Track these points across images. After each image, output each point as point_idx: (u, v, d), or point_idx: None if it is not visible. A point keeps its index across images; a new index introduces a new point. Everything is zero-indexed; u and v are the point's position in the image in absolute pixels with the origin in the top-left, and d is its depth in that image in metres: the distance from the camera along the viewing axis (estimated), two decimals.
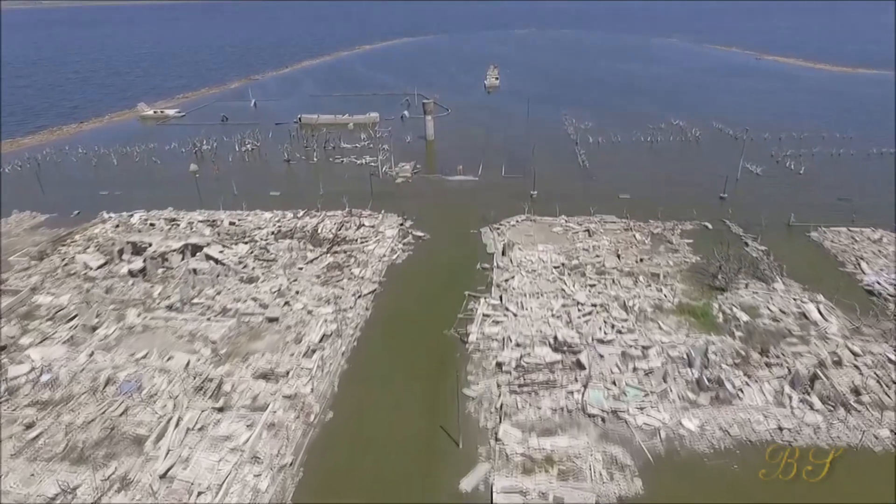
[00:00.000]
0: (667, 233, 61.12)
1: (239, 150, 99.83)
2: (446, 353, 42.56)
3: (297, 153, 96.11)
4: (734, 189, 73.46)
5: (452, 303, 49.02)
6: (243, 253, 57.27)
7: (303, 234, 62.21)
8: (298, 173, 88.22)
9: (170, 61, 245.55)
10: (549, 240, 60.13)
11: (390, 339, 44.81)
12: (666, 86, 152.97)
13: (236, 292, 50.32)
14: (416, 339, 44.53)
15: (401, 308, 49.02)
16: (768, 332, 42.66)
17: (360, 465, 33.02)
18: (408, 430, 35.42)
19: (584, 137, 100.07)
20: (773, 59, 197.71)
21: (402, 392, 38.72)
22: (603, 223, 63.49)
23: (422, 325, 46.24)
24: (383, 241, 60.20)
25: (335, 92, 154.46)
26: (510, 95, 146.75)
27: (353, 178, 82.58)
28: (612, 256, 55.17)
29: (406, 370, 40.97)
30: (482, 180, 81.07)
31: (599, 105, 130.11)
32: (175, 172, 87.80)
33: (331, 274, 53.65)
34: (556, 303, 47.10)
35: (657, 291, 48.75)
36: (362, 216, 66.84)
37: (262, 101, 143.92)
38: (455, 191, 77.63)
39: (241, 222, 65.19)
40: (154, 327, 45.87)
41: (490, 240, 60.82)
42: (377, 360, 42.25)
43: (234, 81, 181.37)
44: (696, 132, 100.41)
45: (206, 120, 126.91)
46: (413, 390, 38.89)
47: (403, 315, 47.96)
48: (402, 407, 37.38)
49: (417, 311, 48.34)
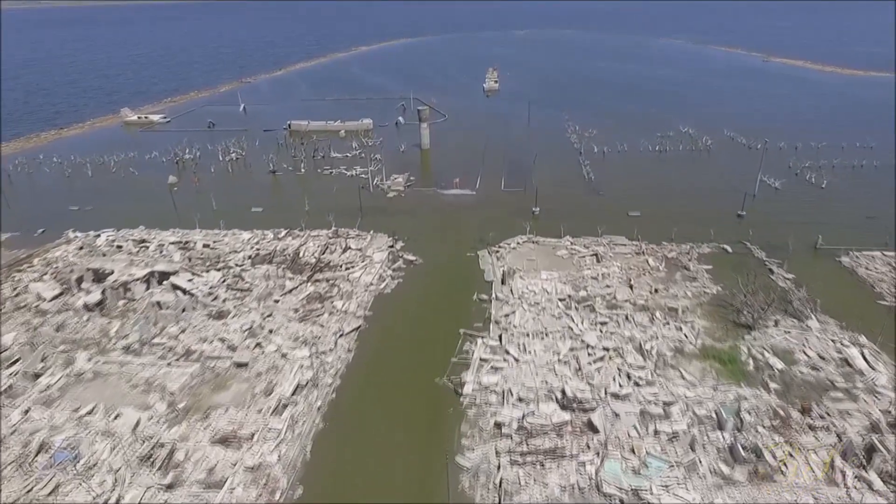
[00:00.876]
0: (682, 257, 55.62)
1: (223, 159, 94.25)
2: (438, 407, 37.01)
3: (283, 163, 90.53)
4: (752, 205, 67.97)
5: (446, 343, 43.52)
6: (215, 282, 51.69)
7: (283, 259, 56.67)
8: (284, 186, 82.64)
9: (161, 63, 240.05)
10: (554, 265, 54.61)
11: (374, 389, 39.26)
12: (672, 89, 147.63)
13: (203, 330, 44.75)
14: (403, 390, 38.99)
15: (387, 349, 43.49)
16: (808, 384, 37.14)
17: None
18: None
19: (587, 146, 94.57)
20: (780, 60, 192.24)
21: (385, 460, 33.16)
22: (612, 246, 57.96)
23: (410, 372, 40.72)
24: (371, 266, 54.65)
25: (328, 96, 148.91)
26: (510, 99, 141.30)
27: (342, 192, 77.03)
28: (624, 287, 49.62)
29: (390, 430, 35.39)
30: (480, 194, 75.57)
31: (603, 110, 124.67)
32: (152, 185, 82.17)
33: (310, 307, 48.08)
34: (562, 345, 41.56)
35: (676, 330, 43.23)
36: (349, 237, 61.29)
37: (252, 106, 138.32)
38: (451, 206, 72.10)
39: (216, 244, 59.60)
40: (106, 374, 40.30)
41: (488, 265, 55.30)
42: (358, 416, 36.70)
43: (225, 84, 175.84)
44: (706, 141, 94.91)
45: (192, 126, 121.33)
46: (398, 457, 33.34)
47: (390, 358, 42.42)
48: (384, 480, 31.82)
49: (406, 354, 42.80)
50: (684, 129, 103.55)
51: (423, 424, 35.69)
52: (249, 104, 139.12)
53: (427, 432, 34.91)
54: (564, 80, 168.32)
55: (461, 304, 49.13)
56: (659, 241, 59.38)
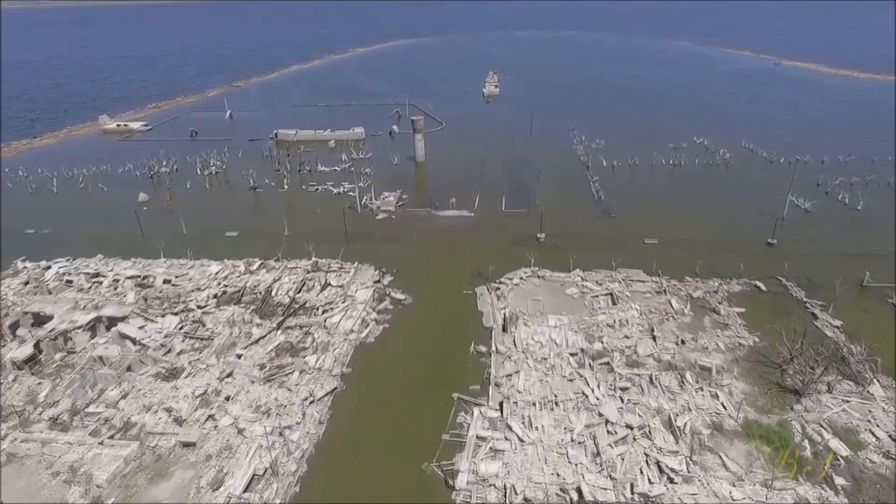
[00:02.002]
0: (710, 297, 48.54)
1: (201, 173, 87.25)
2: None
3: (266, 178, 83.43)
4: (781, 230, 60.81)
5: (436, 411, 36.52)
6: (171, 328, 44.66)
7: (253, 298, 49.61)
8: (264, 205, 75.57)
9: (152, 66, 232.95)
10: (563, 307, 47.55)
11: (347, 479, 32.20)
12: (682, 95, 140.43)
13: (149, 395, 37.70)
14: (383, 479, 31.91)
15: (366, 420, 36.44)
16: (883, 479, 30.07)
17: None
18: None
19: (595, 159, 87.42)
20: (793, 64, 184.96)
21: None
22: (629, 283, 50.87)
23: (393, 453, 33.68)
24: (353, 308, 47.58)
25: (320, 102, 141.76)
26: (511, 105, 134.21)
27: (327, 213, 69.96)
28: (646, 338, 42.54)
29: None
30: (479, 216, 68.49)
31: (610, 117, 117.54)
32: (121, 203, 75.11)
33: (279, 363, 41.04)
34: (576, 419, 34.48)
35: (712, 398, 36.16)
36: (329, 270, 54.19)
37: (240, 112, 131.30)
38: (446, 231, 65.03)
39: (178, 280, 52.51)
40: (24, 456, 33.28)
41: (488, 305, 48.27)
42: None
43: (214, 89, 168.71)
44: (724, 154, 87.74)
45: (174, 134, 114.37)
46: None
47: (369, 433, 35.37)
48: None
49: (388, 427, 35.74)
50: (699, 139, 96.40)
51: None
52: (237, 110, 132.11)
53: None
54: (568, 85, 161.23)
55: (455, 357, 42.10)
56: (681, 275, 52.33)
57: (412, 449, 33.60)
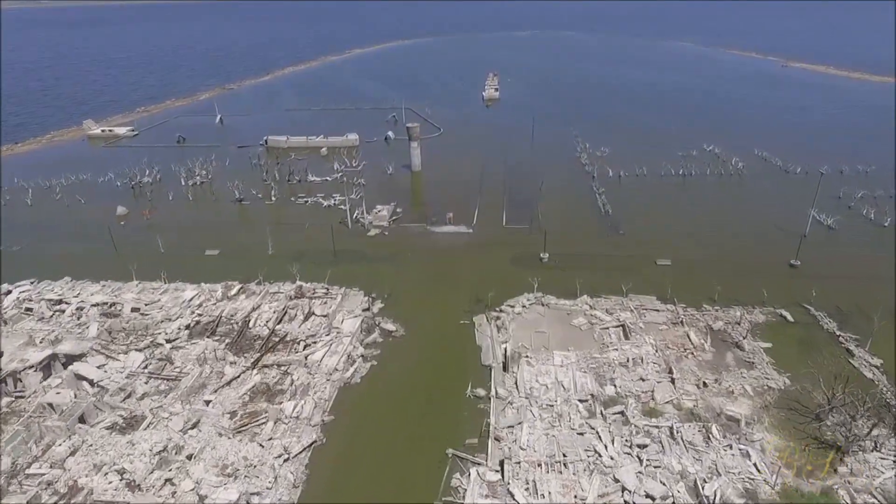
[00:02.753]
0: (731, 329, 44.03)
1: (185, 183, 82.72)
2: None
3: (253, 189, 78.85)
4: (804, 249, 56.21)
5: (428, 471, 32.06)
6: (135, 367, 40.17)
7: (229, 329, 45.10)
8: (249, 220, 71.05)
9: (145, 67, 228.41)
10: (570, 341, 43.04)
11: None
12: (689, 99, 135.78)
13: (101, 451, 33.20)
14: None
15: (347, 482, 31.91)
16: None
17: None
18: None
19: (601, 169, 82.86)
20: (800, 66, 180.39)
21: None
22: (641, 312, 46.35)
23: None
24: (338, 342, 43.07)
25: (314, 105, 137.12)
26: (511, 109, 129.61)
27: (316, 229, 65.41)
28: (664, 381, 38.01)
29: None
30: (478, 233, 63.95)
31: (615, 123, 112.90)
32: (98, 217, 70.55)
33: (252, 410, 36.53)
34: (588, 485, 29.98)
35: (742, 457, 31.65)
36: (314, 296, 49.68)
37: (231, 117, 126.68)
38: (443, 249, 60.48)
39: (148, 308, 48.00)
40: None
41: (487, 338, 43.77)
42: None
43: (206, 91, 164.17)
44: (737, 163, 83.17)
45: (161, 140, 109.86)
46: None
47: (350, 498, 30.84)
48: None
49: (373, 490, 31.22)
50: (708, 147, 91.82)
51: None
52: (227, 115, 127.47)
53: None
54: (569, 88, 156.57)
55: (450, 402, 37.59)
56: (699, 302, 47.84)
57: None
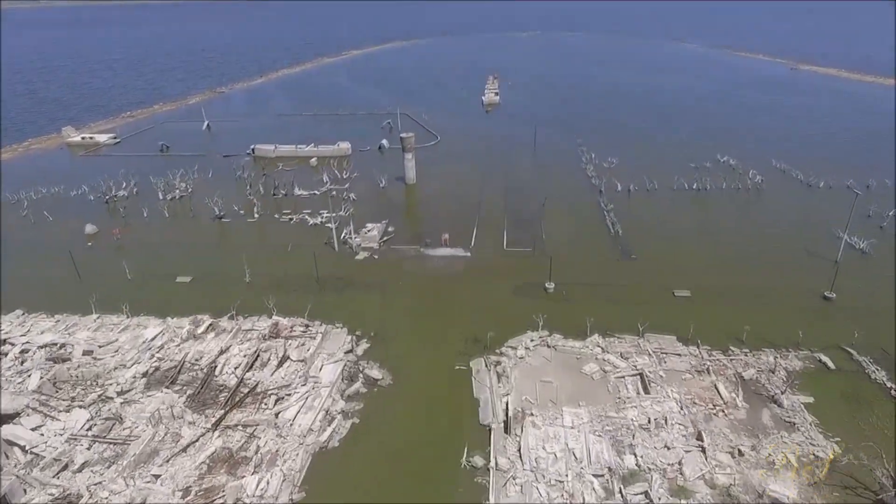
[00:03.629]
0: (765, 378, 38.56)
1: (163, 197, 77.21)
2: None
3: (235, 204, 73.27)
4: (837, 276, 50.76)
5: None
6: (78, 428, 34.67)
7: (192, 378, 39.60)
8: (228, 240, 65.52)
9: (137, 69, 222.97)
10: (581, 393, 37.56)
11: None
12: (698, 105, 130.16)
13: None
14: None
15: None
16: None
17: None
18: None
19: (609, 182, 77.31)
20: (810, 69, 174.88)
21: None
22: (661, 356, 40.85)
23: None
24: (315, 394, 37.58)
25: (306, 111, 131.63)
26: (513, 115, 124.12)
27: (300, 250, 60.00)
28: (694, 449, 32.50)
29: None
30: (476, 257, 58.40)
31: (621, 131, 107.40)
32: (64, 237, 65.24)
33: (209, 485, 31.03)
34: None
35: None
36: (291, 335, 44.19)
37: (218, 123, 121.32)
38: (438, 277, 54.93)
39: (102, 350, 42.50)
40: None
41: (486, 389, 38.29)
42: None
43: (196, 95, 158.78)
44: (754, 176, 77.61)
45: (143, 148, 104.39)
46: None
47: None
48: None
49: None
50: (722, 158, 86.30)
51: None
52: (216, 120, 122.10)
53: None
54: (572, 92, 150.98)
55: (443, 473, 32.11)
56: (724, 343, 42.42)
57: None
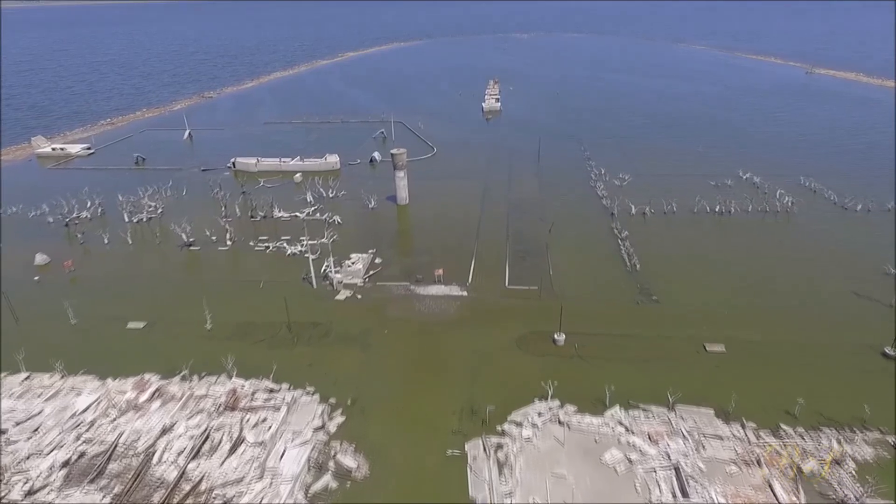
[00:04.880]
0: (827, 470, 31.16)
1: (130, 220, 69.84)
2: None
3: (207, 229, 65.74)
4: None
5: None
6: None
7: (123, 468, 32.21)
8: (195, 273, 58.06)
9: (124, 72, 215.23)
10: (602, 491, 30.18)
11: None
12: (713, 112, 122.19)
13: None
14: None
15: None
16: None
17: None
18: None
19: (622, 204, 69.75)
20: (828, 73, 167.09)
21: None
22: (699, 440, 33.41)
23: None
24: (274, 492, 30.18)
25: (295, 118, 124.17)
26: (515, 124, 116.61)
27: (271, 288, 52.60)
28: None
29: None
30: (474, 296, 50.93)
31: (631, 142, 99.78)
32: (11, 270, 57.87)
33: None
34: None
35: None
36: (252, 405, 36.79)
37: (201, 132, 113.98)
38: (429, 324, 47.41)
39: (18, 429, 35.06)
40: None
41: (485, 487, 30.92)
42: None
43: (182, 100, 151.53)
44: (782, 196, 70.08)
45: (118, 160, 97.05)
46: None
47: None
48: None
49: None
50: (745, 174, 78.81)
51: None
52: (198, 129, 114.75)
53: None
54: (577, 98, 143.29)
55: None
56: (773, 420, 35.02)
57: None
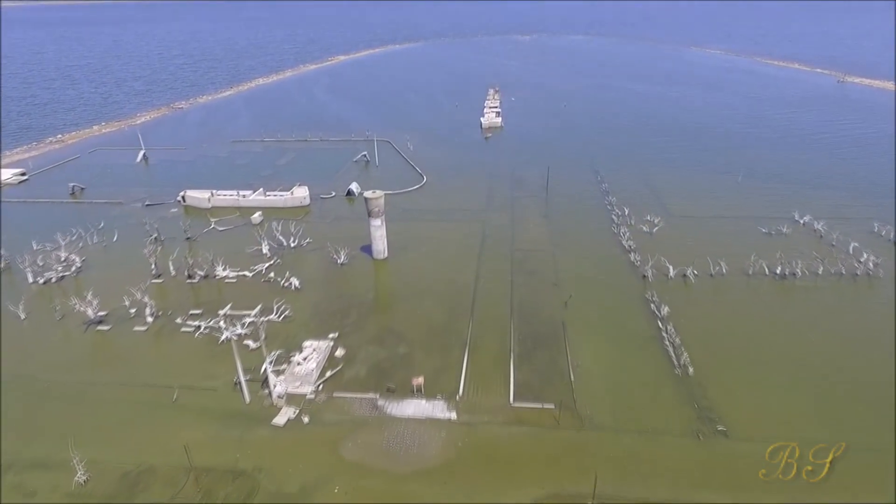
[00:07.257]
0: None
1: (33, 280, 55.19)
2: None
3: (126, 298, 50.82)
4: None
5: None
6: None
7: None
8: (92, 372, 43.19)
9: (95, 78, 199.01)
10: None
11: None
12: (744, 131, 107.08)
13: None
14: None
15: None
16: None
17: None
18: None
19: (657, 263, 54.88)
20: (861, 82, 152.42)
21: None
22: None
23: None
24: None
25: (268, 136, 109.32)
26: (517, 143, 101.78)
27: (189, 400, 38.00)
28: None
29: None
30: (466, 420, 36.23)
31: (655, 168, 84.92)
32: None
33: None
34: None
35: None
36: None
37: (157, 152, 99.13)
38: (400, 476, 32.71)
39: None
40: None
41: None
42: None
43: (148, 112, 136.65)
44: (858, 252, 55.39)
45: (53, 189, 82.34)
46: None
47: None
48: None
49: None
50: (801, 218, 64.26)
51: None
52: (155, 149, 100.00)
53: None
54: (587, 112, 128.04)
55: None
56: None
57: None
